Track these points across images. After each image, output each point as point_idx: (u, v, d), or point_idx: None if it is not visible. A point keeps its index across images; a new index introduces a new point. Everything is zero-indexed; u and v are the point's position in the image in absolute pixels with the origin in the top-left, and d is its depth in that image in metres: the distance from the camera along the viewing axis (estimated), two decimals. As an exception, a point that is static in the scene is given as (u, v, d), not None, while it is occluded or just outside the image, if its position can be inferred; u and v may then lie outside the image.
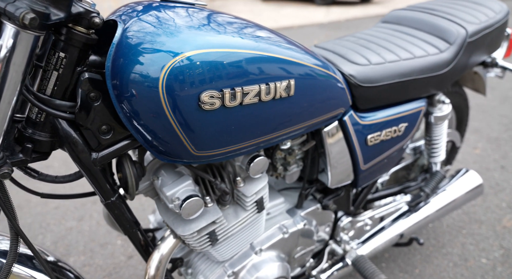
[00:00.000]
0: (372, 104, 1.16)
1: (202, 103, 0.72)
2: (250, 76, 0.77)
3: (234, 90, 0.75)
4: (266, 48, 0.80)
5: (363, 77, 1.10)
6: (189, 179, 0.91)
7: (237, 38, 0.77)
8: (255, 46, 0.78)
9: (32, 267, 0.88)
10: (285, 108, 0.87)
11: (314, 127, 1.03)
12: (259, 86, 0.79)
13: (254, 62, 0.77)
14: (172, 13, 0.77)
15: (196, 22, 0.76)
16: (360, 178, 1.23)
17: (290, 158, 1.11)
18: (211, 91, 0.72)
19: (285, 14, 9.10)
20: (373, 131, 1.17)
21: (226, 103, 0.75)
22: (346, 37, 1.33)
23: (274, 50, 0.82)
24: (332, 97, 1.00)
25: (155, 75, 0.68)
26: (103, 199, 0.84)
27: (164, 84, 0.68)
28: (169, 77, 0.68)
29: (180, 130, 0.74)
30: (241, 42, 0.77)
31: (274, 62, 0.81)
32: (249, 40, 0.79)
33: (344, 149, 1.14)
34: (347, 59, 1.14)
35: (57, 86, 0.71)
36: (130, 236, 0.93)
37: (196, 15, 0.79)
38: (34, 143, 0.74)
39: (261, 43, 0.80)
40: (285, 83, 0.83)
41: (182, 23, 0.74)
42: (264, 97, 0.80)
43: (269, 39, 0.84)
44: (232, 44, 0.75)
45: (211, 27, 0.77)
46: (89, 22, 0.68)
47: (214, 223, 0.95)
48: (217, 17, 0.82)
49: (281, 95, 0.84)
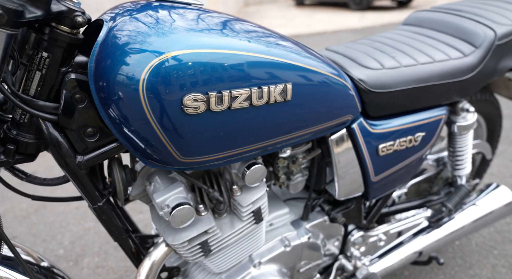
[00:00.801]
0: (385, 111, 1.08)
1: (185, 106, 0.68)
2: (239, 79, 0.72)
3: (221, 94, 0.71)
4: (259, 49, 0.75)
5: (374, 82, 1.03)
6: (181, 185, 0.87)
7: (227, 38, 0.73)
8: (246, 47, 0.74)
9: (22, 273, 0.87)
10: (281, 114, 0.82)
11: (318, 135, 0.96)
12: (250, 89, 0.74)
13: (244, 64, 0.72)
14: (164, 13, 0.74)
15: (186, 22, 0.73)
16: (371, 190, 1.14)
17: (294, 167, 1.05)
18: (195, 94, 0.68)
19: (319, 19, 9.01)
20: (385, 140, 1.08)
21: (212, 107, 0.71)
22: (360, 40, 1.26)
23: (268, 52, 0.77)
24: (337, 103, 0.93)
25: (135, 76, 0.65)
26: (89, 203, 0.82)
27: (144, 85, 0.65)
28: (149, 78, 0.65)
29: (164, 135, 0.71)
30: (231, 43, 0.73)
31: (268, 65, 0.76)
32: (240, 41, 0.74)
33: (352, 159, 1.07)
34: (358, 63, 1.07)
35: (41, 86, 0.69)
36: (119, 242, 0.90)
37: (189, 15, 0.76)
38: (18, 144, 0.73)
39: (254, 44, 0.76)
40: (280, 87, 0.78)
41: (172, 23, 0.71)
42: (255, 101, 0.75)
43: (265, 40, 0.79)
44: (220, 45, 0.71)
45: (201, 28, 0.73)
46: (72, 21, 0.66)
47: (207, 233, 0.90)
48: (211, 17, 0.79)
49: (276, 100, 0.79)
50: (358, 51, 1.14)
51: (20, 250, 0.93)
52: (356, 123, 1.04)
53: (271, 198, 1.21)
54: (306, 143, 1.04)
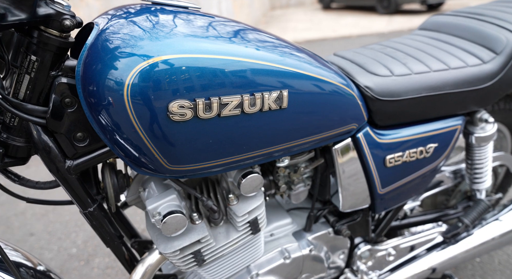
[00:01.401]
0: (393, 120, 1.03)
1: (171, 113, 0.66)
2: (230, 86, 0.69)
3: (210, 101, 0.68)
4: (252, 54, 0.72)
5: (381, 90, 0.97)
6: (174, 193, 0.85)
7: (218, 43, 0.71)
8: (237, 52, 0.71)
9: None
10: (277, 123, 0.78)
11: (319, 145, 0.92)
12: (241, 96, 0.71)
13: (235, 70, 0.70)
14: (158, 17, 0.73)
15: (180, 27, 0.71)
16: (378, 203, 1.09)
17: (295, 176, 1.01)
18: (181, 101, 0.66)
19: (345, 23, 8.88)
20: (393, 151, 1.03)
21: (199, 115, 0.68)
22: (371, 45, 1.21)
23: (262, 57, 0.74)
24: (340, 111, 0.89)
25: (121, 81, 0.63)
26: (80, 208, 0.81)
27: (129, 90, 0.63)
28: (134, 83, 0.63)
29: (150, 143, 0.69)
30: (221, 47, 0.70)
31: (261, 70, 0.73)
32: (231, 46, 0.71)
33: (357, 170, 1.02)
34: (365, 69, 1.02)
35: (30, 90, 0.69)
36: (111, 248, 0.89)
37: (184, 19, 0.74)
38: (8, 147, 0.73)
39: (246, 49, 0.73)
40: (275, 94, 0.75)
41: (164, 27, 0.69)
42: (247, 109, 0.72)
43: (260, 44, 0.76)
44: (210, 50, 0.68)
45: (194, 32, 0.71)
46: (61, 24, 0.65)
47: (200, 242, 0.88)
48: (206, 21, 0.76)
49: (270, 108, 0.75)
50: (367, 57, 1.09)
51: (19, 254, 0.93)
52: (362, 132, 0.99)
53: (274, 207, 1.17)
54: (308, 152, 1.00)
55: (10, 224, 2.40)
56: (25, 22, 0.61)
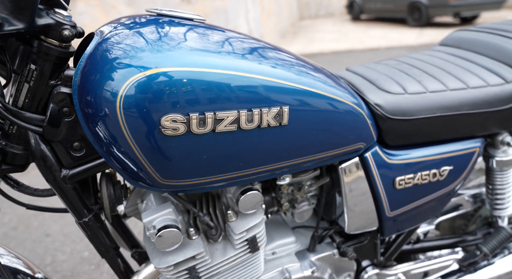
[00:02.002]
0: (405, 140, 0.98)
1: (163, 127, 0.64)
2: (225, 101, 0.68)
3: (204, 115, 0.66)
4: (250, 68, 0.70)
5: (393, 108, 0.93)
6: (171, 206, 0.84)
7: (217, 56, 0.69)
8: (236, 66, 0.69)
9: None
10: (276, 140, 0.76)
11: (323, 163, 0.89)
12: (238, 112, 0.69)
13: (232, 84, 0.68)
14: (158, 28, 0.72)
15: (179, 39, 0.70)
16: (386, 226, 1.04)
17: (299, 194, 0.98)
18: (174, 115, 0.64)
19: (373, 35, 8.76)
20: (404, 173, 0.98)
21: (193, 129, 0.66)
22: (386, 61, 1.16)
23: (262, 71, 0.71)
24: (346, 130, 0.85)
25: (114, 92, 0.63)
26: (75, 218, 0.80)
27: (122, 102, 0.63)
28: (127, 94, 0.62)
29: (142, 156, 0.67)
30: (219, 61, 0.68)
31: (260, 85, 0.71)
32: (230, 59, 0.70)
33: (364, 190, 0.97)
34: (377, 86, 0.98)
35: (28, 98, 0.69)
36: (106, 259, 0.88)
37: (187, 31, 0.73)
38: (6, 154, 0.73)
39: (246, 62, 0.71)
40: (275, 111, 0.72)
41: (165, 39, 0.69)
42: (244, 125, 0.70)
43: (261, 58, 0.74)
44: (206, 63, 0.67)
45: (192, 45, 0.70)
46: (60, 34, 0.65)
47: (194, 258, 0.85)
48: (209, 34, 0.75)
49: (269, 124, 0.73)
50: (379, 73, 1.05)
51: (20, 261, 0.93)
52: (370, 152, 0.94)
53: (278, 224, 1.14)
54: (313, 169, 0.96)
55: (29, 224, 2.46)
56: (22, 32, 0.61)
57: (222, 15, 6.81)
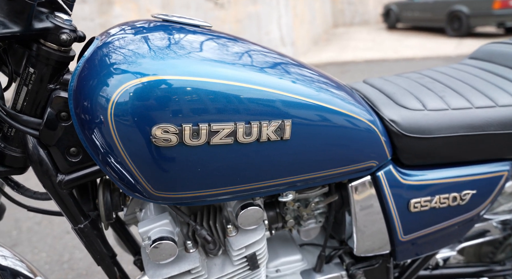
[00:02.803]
0: (422, 160, 0.91)
1: (154, 137, 0.62)
2: (222, 112, 0.64)
3: (198, 127, 0.63)
4: (250, 78, 0.67)
5: (409, 125, 0.87)
6: (168, 218, 0.81)
7: (216, 65, 0.66)
8: (236, 76, 0.66)
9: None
10: (277, 155, 0.71)
11: (330, 181, 0.84)
12: (235, 124, 0.65)
13: (229, 95, 0.64)
14: (160, 35, 0.70)
15: (180, 46, 0.67)
16: (399, 250, 0.97)
17: (305, 211, 0.93)
18: (166, 125, 0.62)
19: (409, 44, 8.52)
20: (420, 195, 0.91)
21: (186, 141, 0.63)
22: (407, 74, 1.09)
23: (263, 82, 0.68)
24: (357, 146, 0.80)
25: (107, 98, 0.61)
26: (70, 224, 0.79)
27: (113, 109, 0.61)
28: (119, 101, 0.60)
29: (133, 166, 0.65)
30: (218, 70, 0.65)
31: (260, 97, 0.67)
32: (230, 69, 0.67)
33: (376, 211, 0.91)
34: (393, 101, 0.92)
35: (27, 101, 0.69)
36: (102, 267, 0.86)
37: (187, 38, 0.71)
38: (5, 157, 0.73)
39: (248, 72, 0.68)
40: (276, 124, 0.68)
41: (164, 46, 0.67)
42: (242, 138, 0.67)
43: (264, 68, 0.70)
44: (204, 72, 0.64)
45: (194, 52, 0.67)
46: (58, 38, 0.64)
47: (190, 273, 0.82)
48: (212, 41, 0.72)
49: (269, 138, 0.69)
50: (398, 86, 0.98)
51: (23, 265, 0.93)
52: (383, 170, 0.88)
53: (284, 240, 1.09)
54: (321, 186, 0.91)
55: (52, 220, 2.52)
56: (18, 35, 0.60)
57: (254, 20, 6.83)
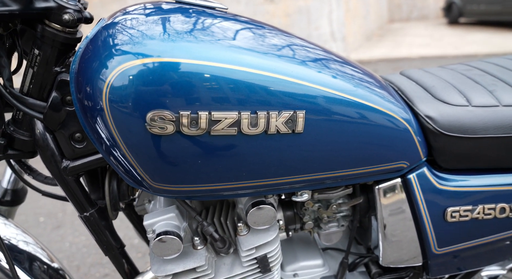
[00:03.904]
0: (464, 163, 0.79)
1: (148, 124, 0.57)
2: (224, 99, 0.58)
3: (197, 115, 0.58)
4: (259, 63, 0.61)
5: (449, 123, 0.75)
6: (175, 211, 0.77)
7: (224, 49, 0.61)
8: (242, 61, 0.60)
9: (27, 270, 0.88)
10: (288, 150, 0.65)
11: (353, 181, 0.75)
12: (239, 114, 0.59)
13: (234, 81, 0.59)
14: (172, 16, 0.65)
15: (189, 28, 0.63)
16: (433, 264, 0.85)
17: (326, 213, 0.85)
18: (161, 111, 0.57)
19: (472, 40, 7.92)
20: (459, 203, 0.79)
21: (183, 130, 0.58)
22: (453, 65, 0.97)
23: (274, 68, 0.61)
24: (384, 144, 0.71)
25: (102, 81, 0.57)
26: (77, 211, 0.78)
27: (108, 92, 0.57)
28: (113, 85, 0.57)
29: (130, 155, 0.62)
30: (225, 54, 0.60)
31: (269, 84, 0.60)
32: (238, 53, 0.61)
33: (406, 218, 0.81)
34: (432, 95, 0.81)
35: (32, 84, 0.68)
36: (109, 257, 0.84)
37: (198, 20, 0.66)
38: (14, 140, 0.73)
39: (258, 57, 0.61)
40: (286, 115, 0.61)
41: (172, 27, 0.62)
42: (246, 129, 0.60)
43: (279, 52, 0.64)
44: (210, 56, 0.59)
45: (203, 35, 0.62)
46: (61, 18, 0.62)
47: (195, 271, 0.78)
48: (224, 24, 0.67)
49: (278, 131, 0.62)
50: (440, 79, 0.86)
51: (42, 251, 0.95)
52: (415, 173, 0.78)
53: (306, 242, 1.01)
54: (345, 186, 0.83)
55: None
56: (17, 13, 0.58)
57: (304, 15, 6.69)
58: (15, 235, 0.93)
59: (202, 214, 0.85)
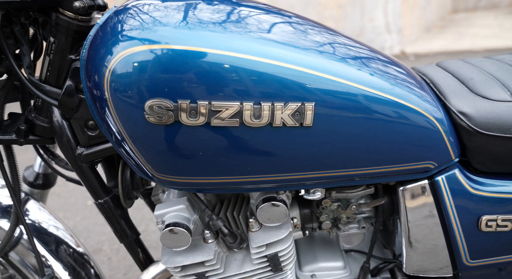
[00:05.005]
0: (503, 167, 0.70)
1: (147, 113, 0.56)
2: (225, 89, 0.56)
3: (196, 104, 0.56)
4: (264, 51, 0.57)
5: (487, 120, 0.67)
6: (185, 203, 0.76)
7: (228, 36, 0.58)
8: (246, 48, 0.57)
9: (53, 252, 0.92)
10: (296, 144, 0.61)
11: (372, 181, 0.70)
12: (241, 104, 0.56)
13: (236, 69, 0.56)
14: (178, 2, 0.63)
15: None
16: (465, 276, 0.77)
17: (344, 213, 0.79)
18: (159, 100, 0.55)
19: (548, 31, 7.18)
20: (496, 211, 0.70)
21: (182, 120, 0.56)
22: (501, 56, 0.85)
23: (281, 56, 0.57)
24: (406, 142, 0.65)
25: (105, 67, 0.57)
26: (93, 197, 0.79)
27: (109, 78, 0.56)
28: (114, 71, 0.56)
29: (131, 143, 0.61)
30: (228, 41, 0.57)
31: (275, 74, 0.57)
32: (241, 40, 0.58)
33: (432, 224, 0.73)
34: (469, 88, 0.72)
35: (49, 71, 0.70)
36: (124, 244, 0.85)
37: (199, 4, 0.63)
38: (35, 126, 0.75)
39: (266, 45, 0.58)
40: (293, 107, 0.57)
41: (173, 14, 0.60)
42: (249, 120, 0.57)
43: (292, 39, 0.60)
44: (214, 43, 0.56)
45: (201, 20, 0.59)
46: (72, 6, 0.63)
47: (203, 265, 0.76)
48: (225, 8, 0.63)
49: (285, 123, 0.58)
50: (480, 70, 0.77)
51: (70, 237, 0.99)
52: (445, 175, 0.70)
53: (327, 243, 0.96)
54: (366, 186, 0.77)
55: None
56: (28, 1, 0.59)
57: (358, 6, 6.44)
58: (47, 220, 0.98)
59: (217, 207, 0.83)
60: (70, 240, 0.99)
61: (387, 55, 0.75)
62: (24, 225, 0.79)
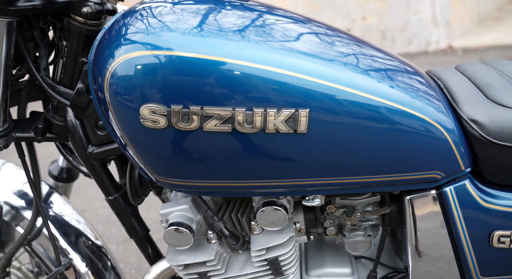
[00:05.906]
0: (519, 179, 0.65)
1: (142, 118, 0.58)
2: (217, 95, 0.56)
3: (188, 110, 0.56)
4: (262, 57, 0.57)
5: (501, 129, 0.62)
6: (189, 203, 0.77)
7: (222, 41, 0.58)
8: (239, 54, 0.57)
9: (72, 243, 0.97)
10: (290, 151, 0.60)
11: (374, 189, 0.68)
12: (233, 110, 0.56)
13: (228, 75, 0.56)
14: (192, 7, 0.64)
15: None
16: (476, 293, 0.73)
17: (348, 220, 0.77)
18: (153, 105, 0.57)
19: None
20: (510, 226, 0.65)
21: (176, 124, 0.58)
22: (527, 58, 0.79)
23: (277, 61, 0.57)
24: (410, 151, 0.62)
25: (106, 70, 0.59)
26: (104, 194, 0.83)
27: (108, 82, 0.58)
28: (113, 74, 0.58)
29: (130, 145, 0.63)
30: (222, 47, 0.57)
31: (269, 79, 0.56)
32: (235, 46, 0.58)
33: (439, 236, 0.70)
34: (484, 94, 0.67)
35: (63, 73, 0.73)
36: (134, 240, 0.89)
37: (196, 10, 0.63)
38: (52, 125, 0.80)
39: (261, 50, 0.57)
40: (287, 113, 0.57)
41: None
42: (241, 126, 0.57)
43: (289, 40, 0.59)
44: (204, 49, 0.57)
45: (194, 25, 0.60)
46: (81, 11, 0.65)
47: (205, 265, 0.77)
48: (250, 14, 0.64)
49: (278, 130, 0.58)
50: (501, 75, 0.71)
51: (90, 231, 1.04)
52: (454, 186, 0.66)
53: (336, 248, 0.94)
54: (371, 193, 0.74)
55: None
56: (40, 7, 0.63)
57: (403, -1, 6.17)
58: (70, 213, 1.04)
59: (223, 208, 0.84)
60: (90, 233, 1.04)
61: (398, 56, 0.71)
62: (42, 217, 0.84)
